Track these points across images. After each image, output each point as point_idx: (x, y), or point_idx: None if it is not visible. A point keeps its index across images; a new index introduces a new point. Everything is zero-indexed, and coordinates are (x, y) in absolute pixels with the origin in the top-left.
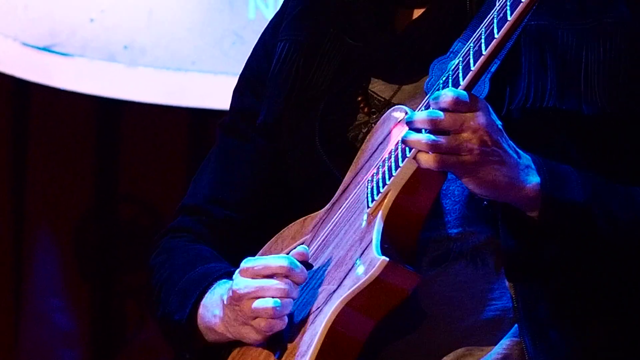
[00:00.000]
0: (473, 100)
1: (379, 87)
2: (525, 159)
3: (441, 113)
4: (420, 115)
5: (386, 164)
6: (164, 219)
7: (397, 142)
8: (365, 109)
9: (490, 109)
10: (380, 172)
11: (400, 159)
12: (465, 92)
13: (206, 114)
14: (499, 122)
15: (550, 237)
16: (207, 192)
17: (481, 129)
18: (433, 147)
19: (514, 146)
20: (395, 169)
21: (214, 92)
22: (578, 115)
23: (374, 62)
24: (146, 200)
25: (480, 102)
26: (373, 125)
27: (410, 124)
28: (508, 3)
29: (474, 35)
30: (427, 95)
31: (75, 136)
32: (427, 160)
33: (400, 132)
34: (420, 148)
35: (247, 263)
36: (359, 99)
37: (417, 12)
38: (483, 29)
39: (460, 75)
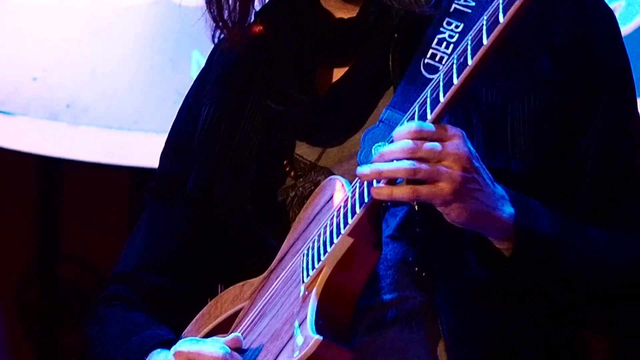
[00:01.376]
0: (448, 129)
1: (303, 150)
2: (499, 189)
3: (412, 142)
4: (393, 147)
5: (321, 239)
6: (106, 279)
7: (332, 217)
8: (292, 173)
9: (466, 136)
10: (315, 247)
11: (335, 235)
12: (429, 124)
13: (148, 173)
14: (474, 150)
15: (521, 268)
16: (137, 259)
17: (463, 157)
18: (412, 174)
19: (490, 175)
20: (330, 245)
21: (156, 151)
22: (507, 172)
23: (297, 125)
24: (88, 260)
25: (457, 129)
26: (301, 188)
27: (384, 154)
28: (454, 67)
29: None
30: (358, 163)
31: (17, 195)
32: (402, 192)
33: (334, 205)
34: (399, 175)
35: (182, 346)
36: (285, 162)
37: (339, 72)
38: (428, 92)
39: (428, 109)
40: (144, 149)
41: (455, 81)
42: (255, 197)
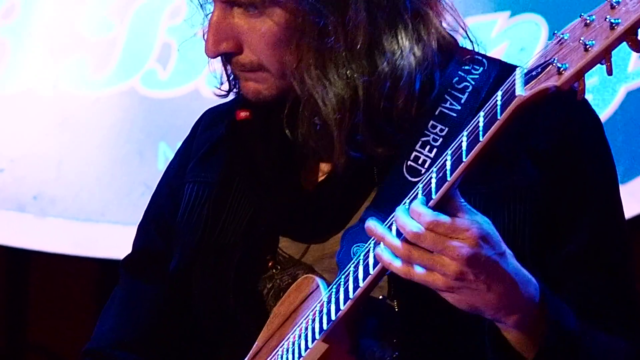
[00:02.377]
0: (459, 228)
1: (286, 244)
2: (524, 289)
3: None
4: (406, 222)
5: (297, 342)
6: None
7: (308, 320)
8: (270, 263)
9: (489, 236)
10: (290, 350)
11: (310, 340)
12: (445, 218)
13: (115, 264)
14: (494, 252)
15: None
16: (111, 336)
17: (462, 260)
18: (406, 257)
19: (516, 278)
20: (305, 349)
21: (123, 243)
22: None
23: (281, 219)
24: (54, 351)
25: (474, 233)
26: (278, 280)
27: (397, 221)
28: (448, 163)
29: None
30: (338, 265)
31: None
32: (398, 268)
33: (309, 306)
34: (395, 252)
35: None
36: (268, 257)
37: (325, 167)
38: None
39: (433, 189)
40: (111, 241)
41: (433, 196)
42: (236, 287)
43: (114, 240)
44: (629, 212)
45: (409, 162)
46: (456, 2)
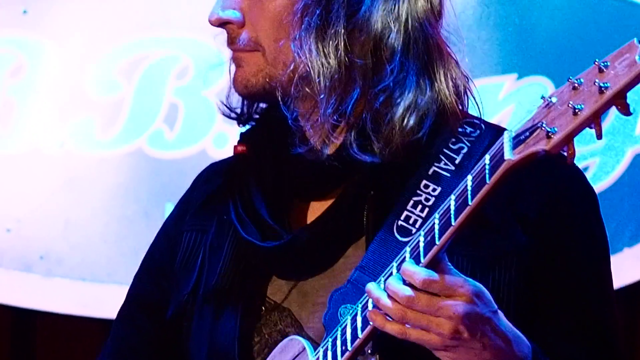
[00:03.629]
0: (453, 286)
1: (271, 289)
2: (518, 348)
3: (414, 294)
4: (397, 289)
5: None
6: None
7: None
8: (259, 311)
9: (481, 294)
10: None
11: None
12: (437, 275)
13: None
14: (488, 309)
15: None
16: None
17: (457, 319)
18: (400, 318)
19: (509, 336)
20: None
21: None
22: None
23: (270, 259)
24: None
25: (467, 290)
26: (266, 335)
27: (388, 287)
28: (437, 227)
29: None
30: (324, 325)
31: None
32: (393, 328)
33: None
34: (389, 313)
35: None
36: (258, 303)
37: (315, 206)
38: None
39: (421, 252)
40: (117, 302)
41: (422, 260)
42: (229, 333)
43: (120, 301)
44: (636, 275)
45: (400, 222)
46: (463, 63)
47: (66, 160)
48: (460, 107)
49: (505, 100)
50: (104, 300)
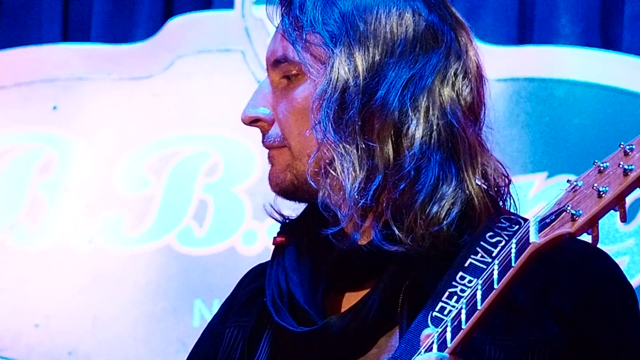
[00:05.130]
0: None
1: None
2: None
3: None
4: None
5: None
6: None
7: None
8: None
9: None
10: None
11: None
12: (447, 355)
13: None
14: None
15: None
16: None
17: None
18: None
19: None
20: None
21: None
22: None
23: (304, 349)
24: None
25: None
26: None
27: None
28: (463, 311)
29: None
30: None
31: None
32: None
33: None
34: None
35: None
36: None
37: (350, 297)
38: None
39: (448, 338)
40: None
41: (448, 345)
42: None
43: None
44: None
45: (435, 313)
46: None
47: (95, 256)
48: (494, 201)
49: (535, 199)
50: None
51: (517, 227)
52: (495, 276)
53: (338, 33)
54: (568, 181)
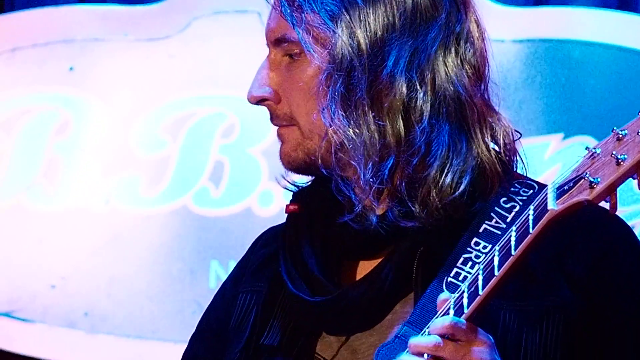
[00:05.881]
0: (479, 333)
1: (321, 346)
2: None
3: (440, 340)
4: (421, 340)
5: None
6: None
7: None
8: None
9: (495, 347)
10: None
11: None
12: (464, 321)
13: None
14: (498, 359)
15: None
16: None
17: None
18: None
19: None
20: None
21: None
22: None
23: (319, 316)
24: None
25: (487, 337)
26: None
27: (412, 344)
28: (480, 277)
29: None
30: None
31: None
32: None
33: None
34: None
35: None
36: (305, 357)
37: (364, 265)
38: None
39: (465, 303)
40: (161, 358)
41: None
42: None
43: (164, 358)
44: None
45: (449, 278)
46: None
47: (111, 217)
48: (505, 166)
49: (551, 160)
50: (147, 356)
51: (531, 191)
52: (513, 243)
53: (337, 11)
54: (587, 148)
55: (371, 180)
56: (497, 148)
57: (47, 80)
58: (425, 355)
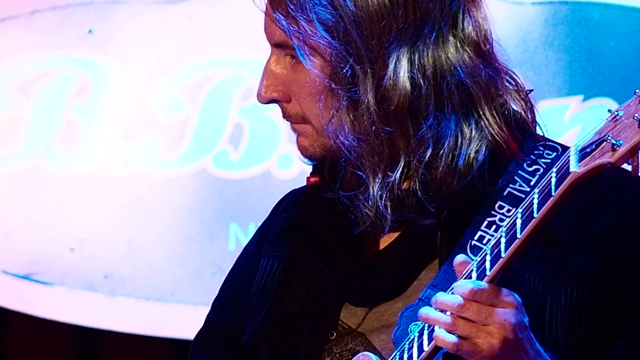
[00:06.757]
0: (500, 294)
1: (345, 314)
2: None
3: (464, 301)
4: (446, 298)
5: None
6: None
7: None
8: (329, 334)
9: (521, 304)
10: None
11: None
12: (485, 284)
13: (185, 344)
14: (526, 319)
15: None
16: None
17: (509, 326)
18: (450, 328)
19: (537, 346)
20: None
21: (193, 323)
22: None
23: (343, 286)
24: None
25: (514, 299)
26: (337, 355)
27: (435, 302)
28: (503, 240)
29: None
30: (394, 343)
31: None
32: (444, 340)
33: None
34: (439, 325)
35: None
36: (329, 325)
37: (387, 237)
38: (489, 250)
39: (488, 266)
40: (181, 321)
41: (487, 274)
42: (301, 357)
43: (184, 321)
44: None
45: (474, 242)
46: (529, 85)
47: (130, 180)
48: (524, 131)
49: (571, 122)
50: (167, 319)
51: (554, 153)
52: (535, 205)
53: (332, 20)
54: (609, 111)
55: (379, 190)
56: (514, 112)
57: (66, 43)
58: (448, 313)
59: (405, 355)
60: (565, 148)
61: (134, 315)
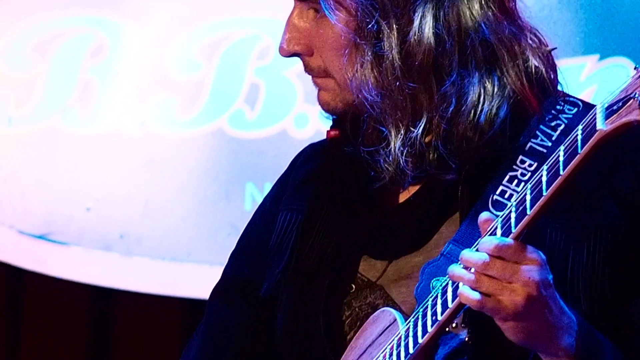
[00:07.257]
0: (525, 252)
1: (364, 267)
2: (569, 318)
3: (489, 258)
4: (471, 255)
5: None
6: None
7: (385, 354)
8: (348, 287)
9: (545, 261)
10: None
11: None
12: (511, 241)
13: (201, 304)
14: (550, 276)
15: None
16: None
17: (533, 284)
18: (474, 285)
19: (561, 303)
20: None
21: (209, 283)
22: None
23: (363, 239)
24: None
25: (538, 256)
26: (357, 309)
27: (462, 258)
28: (528, 197)
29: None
30: (415, 296)
31: (69, 324)
32: (468, 297)
33: (386, 340)
34: (463, 282)
35: None
36: (348, 278)
37: (407, 190)
38: (514, 206)
39: (513, 223)
40: (196, 281)
41: (512, 231)
42: (319, 311)
43: (199, 280)
44: None
45: (495, 196)
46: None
47: (146, 140)
48: (545, 87)
49: (587, 81)
50: (182, 279)
51: (576, 109)
52: (561, 162)
53: None
54: (635, 68)
55: (401, 145)
56: (535, 69)
57: (82, 2)
58: (473, 270)
59: (429, 312)
60: (585, 104)
61: (149, 275)
